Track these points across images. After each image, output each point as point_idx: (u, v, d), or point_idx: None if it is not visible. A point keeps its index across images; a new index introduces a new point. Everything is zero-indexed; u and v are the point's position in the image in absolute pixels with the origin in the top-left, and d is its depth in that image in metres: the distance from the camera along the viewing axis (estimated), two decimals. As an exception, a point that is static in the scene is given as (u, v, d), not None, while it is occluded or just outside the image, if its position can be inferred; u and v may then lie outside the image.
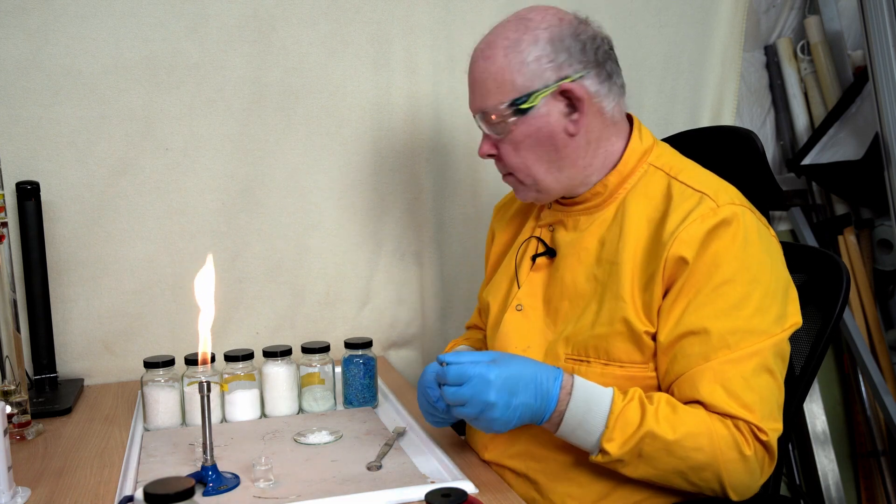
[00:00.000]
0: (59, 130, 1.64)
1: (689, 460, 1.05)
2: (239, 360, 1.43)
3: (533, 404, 1.06)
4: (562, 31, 1.16)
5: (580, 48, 1.16)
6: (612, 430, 1.05)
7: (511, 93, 1.15)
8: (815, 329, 1.30)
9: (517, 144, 1.18)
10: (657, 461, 1.06)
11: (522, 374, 1.06)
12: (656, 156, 1.22)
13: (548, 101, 1.16)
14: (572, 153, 1.19)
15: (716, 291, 1.08)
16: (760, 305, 1.08)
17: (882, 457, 2.25)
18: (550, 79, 1.15)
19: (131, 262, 1.70)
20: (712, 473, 1.05)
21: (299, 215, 1.79)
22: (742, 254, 1.09)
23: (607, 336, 1.14)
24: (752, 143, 1.40)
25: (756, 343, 1.07)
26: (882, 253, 2.26)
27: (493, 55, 1.17)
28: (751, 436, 1.05)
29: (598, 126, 1.19)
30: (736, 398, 1.05)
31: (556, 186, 1.21)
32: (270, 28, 1.72)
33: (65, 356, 1.68)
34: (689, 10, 2.01)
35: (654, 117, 2.02)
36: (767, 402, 1.07)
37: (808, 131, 2.26)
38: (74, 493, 1.13)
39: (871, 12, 1.98)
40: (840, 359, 2.34)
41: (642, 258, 1.14)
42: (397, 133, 1.82)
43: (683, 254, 1.09)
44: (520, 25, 1.17)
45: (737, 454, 1.04)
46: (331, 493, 1.09)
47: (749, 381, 1.06)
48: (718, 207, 1.10)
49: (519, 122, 1.16)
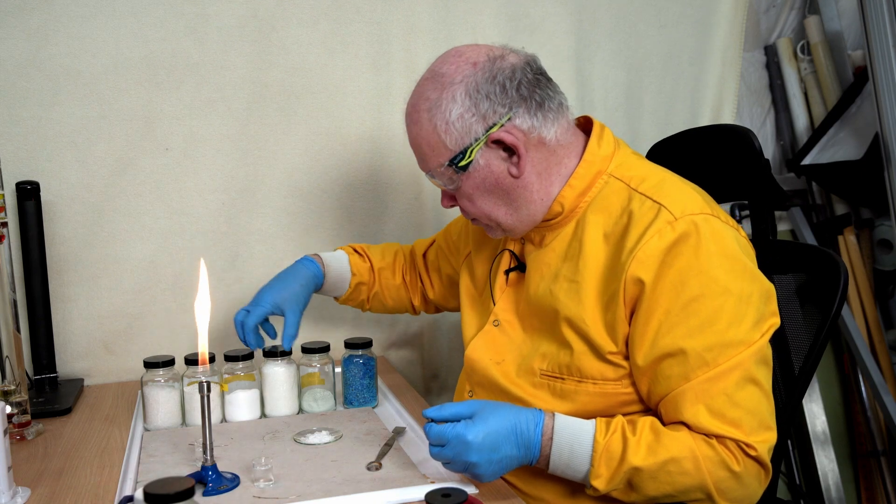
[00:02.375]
0: (59, 130, 1.64)
1: (677, 485, 1.04)
2: (239, 360, 1.43)
3: (517, 455, 1.06)
4: (476, 80, 1.13)
5: (500, 90, 1.13)
6: (598, 466, 1.05)
7: (445, 154, 1.15)
8: (814, 327, 1.30)
9: (470, 196, 1.19)
10: (646, 489, 1.05)
11: (501, 428, 1.05)
12: (616, 165, 1.18)
13: (483, 153, 1.14)
14: (524, 192, 1.17)
15: (686, 310, 1.06)
16: (734, 316, 1.06)
17: (882, 457, 2.25)
18: (479, 131, 1.13)
19: (131, 262, 1.70)
20: (703, 493, 1.05)
21: (299, 215, 1.79)
22: (707, 266, 1.06)
23: (578, 355, 1.14)
24: (749, 141, 1.40)
25: (735, 355, 1.05)
26: (882, 253, 2.26)
27: (418, 119, 1.17)
28: (739, 452, 1.04)
29: (544, 157, 1.17)
30: (720, 416, 1.04)
31: (519, 225, 1.20)
32: (270, 28, 1.72)
33: (65, 356, 1.68)
34: (689, 10, 2.01)
35: (654, 117, 2.03)
36: (755, 414, 1.05)
37: (808, 131, 2.26)
38: (74, 493, 1.13)
39: (871, 12, 1.98)
40: (840, 359, 2.34)
41: (602, 277, 1.12)
42: (397, 133, 1.82)
43: (640, 275, 1.07)
44: (436, 84, 1.15)
45: (726, 472, 1.04)
46: (331, 493, 1.09)
47: (732, 396, 1.04)
48: (676, 220, 1.07)
49: (463, 178, 1.16)
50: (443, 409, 1.07)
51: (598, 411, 1.13)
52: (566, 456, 1.06)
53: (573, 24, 1.92)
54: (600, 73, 1.97)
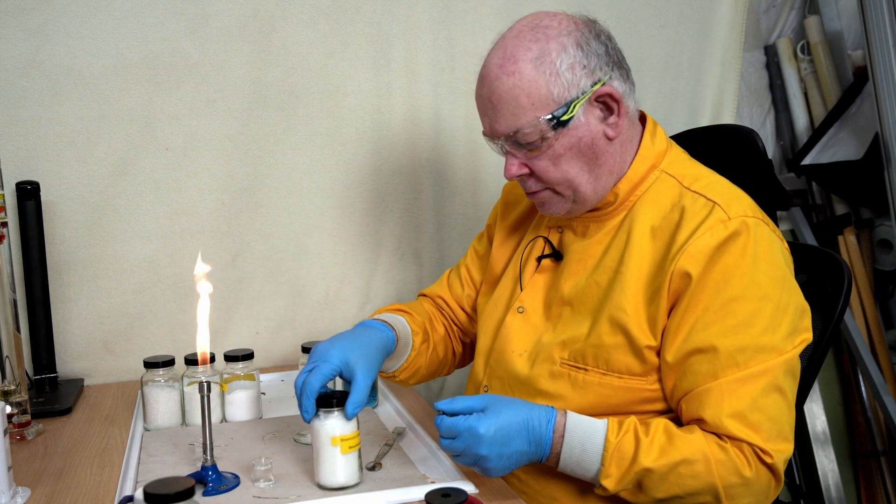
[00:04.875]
0: (59, 130, 1.64)
1: (686, 487, 1.04)
2: (239, 360, 1.42)
3: (527, 450, 1.06)
4: (585, 35, 1.12)
5: (604, 49, 1.13)
6: (609, 466, 1.04)
7: (549, 106, 1.10)
8: (817, 329, 1.29)
9: (557, 158, 1.13)
10: (656, 490, 1.05)
11: (513, 423, 1.05)
12: (669, 161, 1.19)
13: (585, 109, 1.12)
14: (610, 158, 1.15)
15: (724, 308, 1.05)
16: (771, 322, 1.05)
17: (882, 457, 2.25)
18: (586, 85, 1.11)
19: (131, 262, 1.70)
20: (711, 496, 1.04)
21: (299, 215, 1.79)
22: (752, 269, 1.06)
23: (608, 346, 1.12)
24: (753, 141, 1.40)
25: (766, 361, 1.04)
26: (882, 253, 2.26)
27: (518, 69, 1.10)
28: (753, 458, 1.03)
29: (628, 127, 1.17)
30: (741, 419, 1.03)
31: (593, 196, 1.17)
32: (270, 28, 1.72)
33: (65, 356, 1.68)
34: (689, 10, 2.01)
35: (654, 117, 1.98)
36: (776, 423, 1.04)
37: (808, 131, 2.26)
38: (74, 493, 1.13)
39: (871, 12, 1.98)
40: (840, 359, 2.34)
41: (649, 270, 1.11)
42: (397, 133, 1.82)
43: (689, 269, 1.06)
44: (539, 34, 1.11)
45: (737, 478, 1.03)
46: (331, 494, 1.09)
47: (757, 400, 1.04)
48: (729, 220, 1.07)
49: (559, 135, 1.11)
50: (455, 402, 1.07)
51: (619, 406, 1.13)
52: (577, 454, 1.05)
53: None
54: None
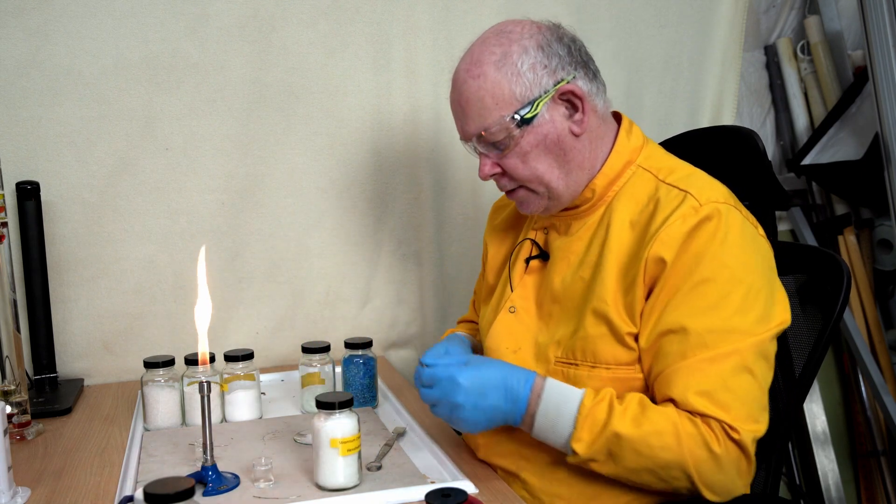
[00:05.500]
0: (59, 130, 1.64)
1: (657, 459, 1.04)
2: (239, 360, 1.42)
3: (503, 407, 1.07)
4: (546, 38, 1.17)
5: (566, 51, 1.17)
6: (581, 429, 1.05)
7: (512, 105, 1.14)
8: (816, 328, 1.30)
9: (525, 155, 1.17)
10: (626, 460, 1.05)
11: (492, 377, 1.08)
12: (645, 157, 1.21)
13: (549, 107, 1.16)
14: (579, 155, 1.18)
15: (695, 290, 1.07)
16: (742, 305, 1.06)
17: (882, 457, 2.25)
18: (548, 84, 1.15)
19: (131, 262, 1.70)
20: (681, 472, 1.03)
21: (299, 215, 1.79)
22: (721, 251, 1.07)
23: (594, 338, 1.14)
24: (753, 142, 1.40)
25: (735, 342, 1.05)
26: (882, 253, 2.26)
27: (483, 72, 1.15)
28: (722, 434, 1.03)
29: (596, 123, 1.20)
30: (709, 397, 1.04)
31: (566, 192, 1.20)
32: (270, 28, 1.72)
33: (65, 356, 1.68)
34: (689, 10, 2.01)
35: (654, 117, 2.03)
36: (745, 403, 1.05)
37: (808, 131, 2.26)
38: (74, 493, 1.13)
39: (871, 12, 1.98)
40: (840, 359, 2.34)
41: (626, 260, 1.13)
42: (397, 133, 1.82)
43: (662, 254, 1.08)
44: (502, 39, 1.17)
45: (706, 452, 1.03)
46: (330, 494, 1.09)
47: (727, 380, 1.04)
48: (701, 206, 1.09)
49: (524, 133, 1.15)
50: (438, 357, 1.12)
51: None
52: (552, 416, 1.07)
53: (573, 25, 1.90)
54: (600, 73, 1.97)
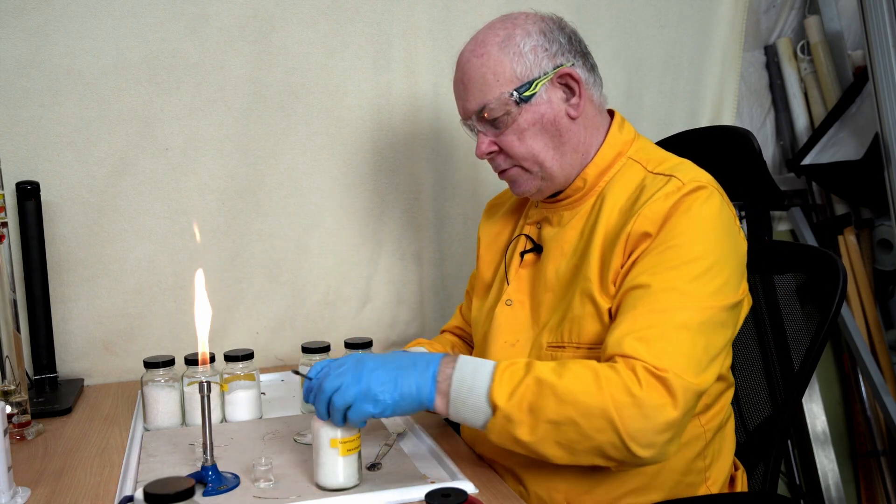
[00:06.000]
0: (59, 130, 1.64)
1: (579, 405, 1.00)
2: (239, 360, 1.42)
3: (412, 366, 1.06)
4: (549, 25, 1.23)
5: (567, 39, 1.23)
6: (500, 380, 1.04)
7: (512, 82, 1.19)
8: (814, 327, 1.30)
9: (521, 133, 1.21)
10: (548, 410, 1.01)
11: (399, 355, 1.09)
12: (636, 150, 1.25)
13: (547, 88, 1.20)
14: (574, 137, 1.22)
15: (663, 253, 1.09)
16: (703, 275, 1.07)
17: (882, 457, 2.25)
18: (548, 67, 1.20)
19: (131, 262, 1.70)
20: (605, 420, 0.99)
21: (299, 215, 1.79)
22: (693, 225, 1.09)
23: (579, 318, 1.15)
24: (749, 142, 1.40)
25: (688, 305, 1.05)
26: (882, 253, 2.26)
27: (486, 52, 1.21)
28: (645, 374, 1.00)
29: (592, 112, 1.24)
30: (646, 343, 1.02)
31: (560, 173, 1.23)
32: (270, 28, 1.72)
33: (65, 356, 1.68)
34: (689, 10, 2.02)
35: (654, 117, 2.03)
36: (683, 355, 1.02)
37: (808, 131, 2.26)
38: (74, 493, 1.13)
39: (871, 12, 1.98)
40: (840, 359, 2.34)
41: (610, 239, 1.15)
42: (397, 133, 1.82)
43: (647, 229, 1.10)
44: (507, 23, 1.23)
45: (627, 397, 0.99)
46: (330, 494, 1.09)
47: (667, 332, 1.03)
48: (684, 185, 1.12)
49: (522, 111, 1.20)
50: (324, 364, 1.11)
51: None
52: (469, 375, 1.05)
53: (573, 24, 1.92)
54: (600, 73, 1.97)
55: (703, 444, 1.18)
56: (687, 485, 1.18)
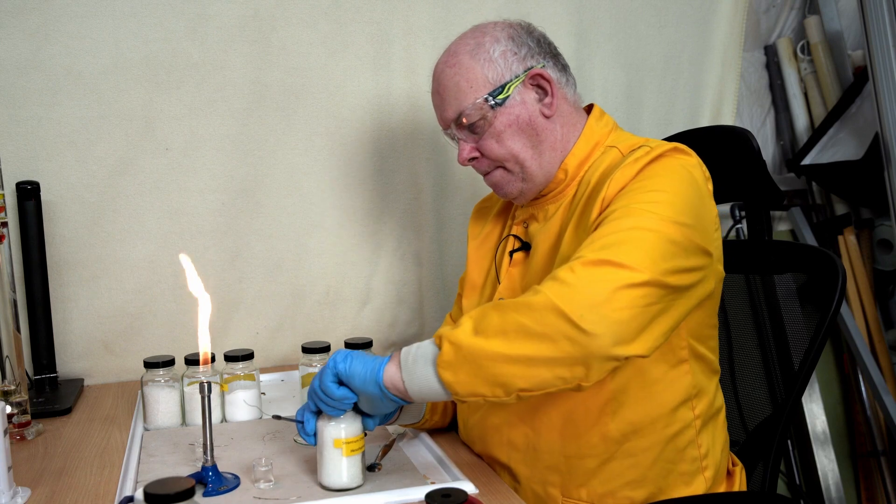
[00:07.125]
0: (59, 130, 1.64)
1: (520, 307, 1.00)
2: (239, 360, 1.42)
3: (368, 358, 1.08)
4: (517, 31, 1.26)
5: (536, 42, 1.26)
6: (442, 328, 1.06)
7: (485, 87, 1.22)
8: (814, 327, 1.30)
9: (499, 136, 1.23)
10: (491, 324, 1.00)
11: None
12: (614, 139, 1.26)
13: (520, 90, 1.23)
14: (550, 136, 1.25)
15: (633, 188, 1.10)
16: (663, 202, 1.07)
17: (882, 457, 2.25)
18: (518, 69, 1.23)
19: (131, 262, 1.70)
20: (550, 310, 0.97)
21: (299, 215, 1.79)
22: (666, 171, 1.11)
23: None
24: (747, 142, 1.40)
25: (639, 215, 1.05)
26: (882, 253, 2.26)
27: (458, 61, 1.24)
28: (577, 262, 1.01)
29: (567, 110, 1.27)
30: (585, 248, 1.04)
31: (539, 172, 1.25)
32: (270, 28, 1.72)
33: (65, 356, 1.68)
34: (689, 10, 2.02)
35: (654, 117, 2.03)
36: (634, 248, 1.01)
37: (808, 131, 2.26)
38: (74, 493, 1.13)
39: (871, 12, 1.98)
40: (840, 359, 2.34)
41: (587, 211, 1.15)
42: (397, 133, 1.82)
43: (620, 185, 1.12)
44: (476, 32, 1.26)
45: (558, 284, 0.99)
46: (331, 494, 1.09)
47: (616, 235, 1.03)
48: (652, 149, 1.14)
49: (498, 114, 1.22)
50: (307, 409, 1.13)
51: None
52: (415, 345, 1.07)
53: (573, 25, 1.92)
54: (600, 73, 1.97)
55: (694, 431, 1.19)
56: (681, 473, 1.18)
